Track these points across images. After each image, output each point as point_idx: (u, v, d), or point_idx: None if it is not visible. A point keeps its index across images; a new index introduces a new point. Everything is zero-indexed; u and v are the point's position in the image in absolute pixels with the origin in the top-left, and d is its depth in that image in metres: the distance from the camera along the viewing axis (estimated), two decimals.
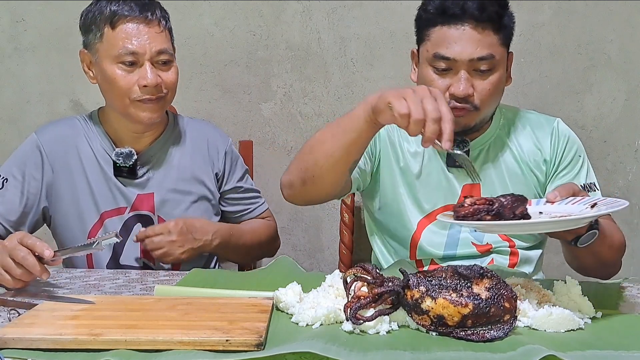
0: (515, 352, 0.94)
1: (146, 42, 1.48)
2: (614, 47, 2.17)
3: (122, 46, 1.48)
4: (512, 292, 1.04)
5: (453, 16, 1.40)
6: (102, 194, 1.59)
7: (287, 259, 1.49)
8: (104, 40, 1.50)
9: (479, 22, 1.39)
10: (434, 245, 1.54)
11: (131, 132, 1.59)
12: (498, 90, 1.45)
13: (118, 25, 1.48)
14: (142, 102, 1.50)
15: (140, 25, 1.49)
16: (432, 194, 1.54)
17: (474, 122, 1.46)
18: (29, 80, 2.25)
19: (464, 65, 1.40)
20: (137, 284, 1.38)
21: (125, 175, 1.59)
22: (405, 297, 1.04)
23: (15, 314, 1.08)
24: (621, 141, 2.23)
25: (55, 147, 1.59)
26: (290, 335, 1.01)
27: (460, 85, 1.40)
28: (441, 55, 1.41)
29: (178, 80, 1.57)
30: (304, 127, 2.25)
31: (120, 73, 1.49)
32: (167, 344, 0.95)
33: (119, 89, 1.50)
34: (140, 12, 1.49)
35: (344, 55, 2.21)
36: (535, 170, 1.55)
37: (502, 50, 1.43)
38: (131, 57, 1.48)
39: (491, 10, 1.39)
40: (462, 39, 1.39)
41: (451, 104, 1.41)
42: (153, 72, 1.49)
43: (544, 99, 2.20)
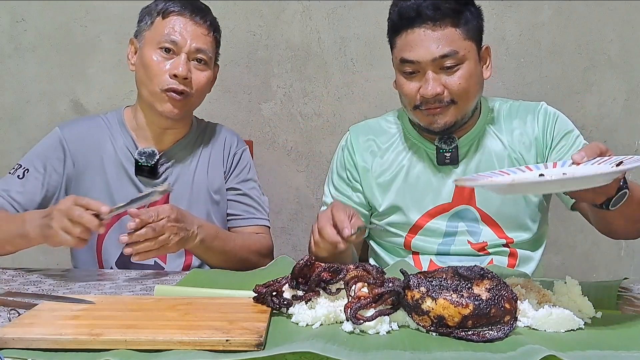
0: (515, 352, 0.94)
1: (188, 36, 1.55)
2: (614, 47, 2.17)
3: (166, 34, 1.54)
4: (513, 293, 1.04)
5: (410, 20, 1.44)
6: (121, 192, 1.60)
7: (287, 258, 1.49)
8: (153, 27, 1.57)
9: (436, 21, 1.42)
10: (429, 242, 1.55)
11: (155, 127, 1.62)
12: (472, 84, 1.46)
13: (169, 16, 1.56)
14: (166, 93, 1.54)
15: (188, 22, 1.56)
16: (423, 195, 1.55)
17: (454, 118, 1.47)
18: (29, 80, 2.25)
19: (429, 66, 1.43)
20: (137, 284, 1.38)
21: (146, 174, 1.61)
22: (405, 297, 1.04)
23: (15, 314, 1.08)
24: (621, 141, 2.23)
25: (78, 143, 1.62)
26: (290, 335, 1.01)
27: (427, 86, 1.43)
28: (405, 59, 1.45)
29: (208, 88, 1.62)
30: (304, 127, 2.25)
31: (156, 59, 1.54)
32: (167, 344, 0.95)
33: (151, 74, 1.54)
34: (192, 12, 1.57)
35: (344, 55, 2.21)
36: (525, 154, 1.54)
37: (468, 44, 1.45)
38: (170, 45, 1.54)
39: (446, 8, 1.42)
40: (423, 40, 1.43)
41: (424, 105, 1.46)
42: (186, 65, 1.54)
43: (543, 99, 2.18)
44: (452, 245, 1.55)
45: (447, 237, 1.55)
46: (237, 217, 1.71)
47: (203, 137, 1.71)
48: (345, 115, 2.23)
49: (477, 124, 1.56)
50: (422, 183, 1.56)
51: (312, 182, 2.28)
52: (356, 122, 2.20)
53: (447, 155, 1.53)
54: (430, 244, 1.56)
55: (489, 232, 1.54)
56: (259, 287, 1.12)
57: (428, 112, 1.47)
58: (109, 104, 2.17)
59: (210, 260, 1.56)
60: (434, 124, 1.48)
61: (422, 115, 1.49)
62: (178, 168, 1.65)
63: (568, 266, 2.26)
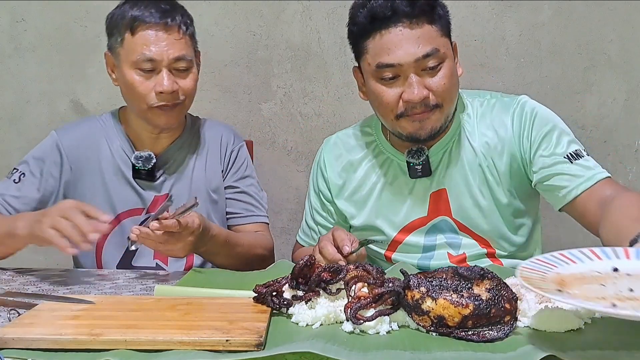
0: (515, 352, 0.94)
1: (164, 49, 1.49)
2: (614, 47, 2.17)
3: (140, 52, 1.49)
4: (513, 293, 1.04)
5: (385, 20, 1.33)
6: (119, 195, 1.60)
7: (287, 262, 1.49)
8: (124, 45, 1.51)
9: (412, 19, 1.32)
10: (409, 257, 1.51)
11: (150, 134, 1.61)
12: (453, 83, 1.38)
13: (137, 31, 1.49)
14: (159, 108, 1.52)
15: (159, 32, 1.49)
16: (398, 210, 1.50)
17: (440, 122, 1.40)
18: (29, 80, 2.25)
19: (411, 68, 1.33)
20: (137, 284, 1.38)
21: (143, 177, 1.60)
22: (405, 297, 1.04)
23: (15, 314, 1.08)
24: (621, 141, 2.23)
25: (75, 148, 1.61)
26: (290, 335, 1.01)
27: (413, 90, 1.34)
28: (385, 64, 1.34)
29: (196, 86, 1.59)
30: (304, 127, 2.25)
31: (138, 79, 1.51)
32: (167, 344, 0.95)
33: (136, 95, 1.52)
34: (160, 18, 1.49)
35: (344, 55, 2.21)
36: (497, 161, 1.45)
37: (445, 41, 1.37)
38: (149, 64, 1.50)
39: (421, 3, 1.33)
40: (402, 40, 1.32)
41: (409, 111, 1.37)
42: (170, 79, 1.50)
43: (544, 99, 2.18)
44: (432, 259, 1.49)
45: (427, 252, 1.50)
46: (237, 215, 1.70)
47: (199, 135, 1.69)
48: (345, 115, 2.23)
49: (450, 131, 1.47)
50: (397, 198, 1.49)
51: None
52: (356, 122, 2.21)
53: (419, 168, 1.45)
54: (410, 259, 1.50)
55: (469, 241, 1.48)
56: (259, 287, 1.12)
57: (414, 119, 1.37)
58: (109, 104, 2.17)
59: (216, 262, 1.56)
60: (420, 131, 1.39)
61: (407, 124, 1.39)
62: (175, 169, 1.64)
63: None
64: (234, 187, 1.71)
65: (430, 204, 1.48)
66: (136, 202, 1.61)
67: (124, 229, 1.60)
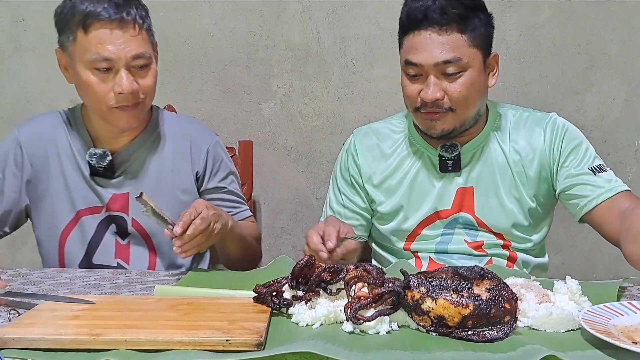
0: (515, 352, 0.94)
1: (121, 47, 1.41)
2: (614, 47, 2.17)
3: (96, 52, 1.40)
4: (513, 294, 1.04)
5: (417, 22, 1.42)
6: (79, 192, 1.56)
7: (287, 258, 1.49)
8: (77, 43, 1.43)
9: (442, 26, 1.40)
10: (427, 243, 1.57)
11: (109, 132, 1.55)
12: (473, 92, 1.44)
13: (91, 29, 1.40)
14: (119, 109, 1.46)
15: (114, 30, 1.40)
16: (424, 201, 1.55)
17: (452, 125, 1.47)
18: (29, 80, 2.25)
19: (431, 70, 1.42)
20: (137, 284, 1.38)
21: (101, 174, 1.55)
22: (405, 297, 1.04)
23: (15, 314, 1.08)
24: (621, 141, 2.23)
25: (35, 144, 1.57)
26: (290, 335, 1.01)
27: (428, 90, 1.43)
28: (410, 61, 1.44)
29: (156, 82, 1.51)
30: (304, 127, 2.25)
31: (95, 79, 1.43)
32: (167, 344, 0.95)
33: (94, 96, 1.45)
34: (115, 13, 1.40)
35: (344, 55, 2.21)
36: (527, 169, 1.53)
37: (473, 51, 1.43)
38: (105, 64, 1.41)
39: (454, 13, 1.40)
40: (427, 43, 1.41)
41: (423, 108, 1.45)
42: (129, 78, 1.43)
43: (544, 99, 2.20)
44: (450, 244, 1.55)
45: (445, 237, 1.56)
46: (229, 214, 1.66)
47: (163, 132, 1.61)
48: (345, 115, 2.23)
49: (483, 131, 1.55)
50: (425, 189, 1.55)
51: (312, 182, 2.28)
52: (356, 122, 2.22)
53: (450, 163, 1.52)
54: (429, 244, 1.56)
55: (486, 234, 1.55)
56: (259, 287, 1.12)
57: (427, 117, 1.46)
58: None
59: (232, 247, 1.53)
60: (431, 129, 1.48)
61: (421, 119, 1.48)
62: (137, 167, 1.58)
63: (568, 266, 2.26)
64: (220, 187, 1.65)
65: (456, 199, 1.54)
66: (95, 200, 1.56)
67: (83, 226, 1.56)
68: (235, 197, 1.67)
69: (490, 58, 1.50)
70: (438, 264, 1.54)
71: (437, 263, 1.54)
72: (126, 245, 1.58)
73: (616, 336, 0.97)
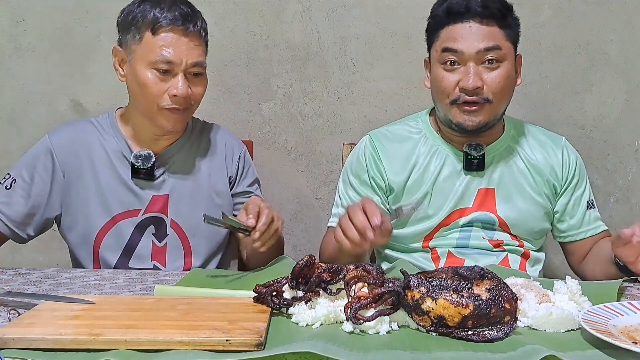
0: (515, 352, 0.94)
1: (183, 53, 1.49)
2: (614, 47, 2.17)
3: (160, 53, 1.48)
4: (513, 294, 1.04)
5: (459, 14, 1.48)
6: (115, 196, 1.59)
7: (287, 258, 1.49)
8: (143, 43, 1.50)
9: (483, 18, 1.47)
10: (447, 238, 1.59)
11: (151, 134, 1.59)
12: (508, 85, 1.50)
13: (159, 32, 1.49)
14: (170, 110, 1.52)
15: (181, 36, 1.49)
16: (446, 199, 1.58)
17: (488, 118, 1.50)
18: (29, 80, 2.25)
19: (472, 58, 1.47)
20: (137, 284, 1.38)
21: (142, 177, 1.59)
22: (405, 297, 1.04)
23: (15, 314, 1.08)
24: (621, 141, 2.23)
25: (67, 151, 1.59)
26: (290, 335, 1.01)
27: (469, 79, 1.46)
28: (449, 48, 1.48)
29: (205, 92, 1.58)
30: (304, 127, 2.25)
31: (153, 79, 1.50)
32: (167, 344, 0.95)
33: (149, 94, 1.51)
34: (183, 22, 1.49)
35: (344, 55, 2.21)
36: (542, 180, 1.60)
37: (509, 45, 1.50)
38: (166, 66, 1.49)
39: (494, 7, 1.48)
40: (469, 33, 1.47)
41: (462, 99, 1.48)
42: (185, 83, 1.50)
43: (544, 99, 2.20)
44: (470, 239, 1.58)
45: (464, 233, 1.58)
46: None
47: (200, 137, 1.69)
48: (345, 115, 2.23)
49: (504, 135, 1.61)
50: (447, 188, 1.58)
51: (312, 182, 2.28)
52: (356, 122, 2.22)
53: (475, 162, 1.56)
54: (449, 240, 1.58)
55: (502, 234, 1.58)
56: (259, 287, 1.12)
57: (463, 110, 1.50)
58: (108, 104, 2.17)
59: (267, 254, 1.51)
60: (468, 122, 1.50)
61: (458, 112, 1.51)
62: (176, 169, 1.63)
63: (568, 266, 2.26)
64: (248, 192, 1.71)
65: (477, 198, 1.57)
66: (132, 203, 1.59)
67: (120, 230, 1.59)
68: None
69: (517, 57, 1.56)
70: (457, 258, 1.56)
71: (457, 257, 1.56)
72: (162, 248, 1.61)
73: (616, 336, 0.97)
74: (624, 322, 1.05)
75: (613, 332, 0.99)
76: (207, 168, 1.66)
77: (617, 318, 1.06)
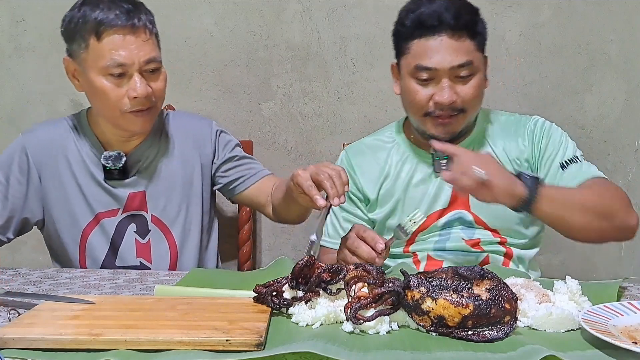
0: (515, 352, 0.94)
1: (134, 52, 1.44)
2: (614, 47, 2.17)
3: (110, 58, 1.43)
4: (513, 294, 1.04)
5: (431, 27, 1.44)
6: (95, 196, 1.58)
7: (287, 260, 1.49)
8: (90, 50, 1.45)
9: (455, 31, 1.44)
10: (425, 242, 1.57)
11: (119, 137, 1.57)
12: (480, 93, 1.51)
13: (104, 36, 1.43)
14: (133, 114, 1.48)
15: (127, 35, 1.43)
16: (420, 204, 1.56)
17: (460, 126, 1.51)
18: (29, 80, 2.25)
19: (446, 74, 1.45)
20: (137, 284, 1.38)
21: (116, 177, 1.57)
22: (405, 297, 1.04)
23: (15, 314, 1.08)
24: (621, 141, 2.23)
25: (42, 151, 1.57)
26: (290, 335, 1.01)
27: (444, 94, 1.45)
28: (423, 66, 1.46)
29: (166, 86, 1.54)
30: (304, 127, 2.25)
31: (109, 85, 1.45)
32: (167, 344, 0.95)
33: (108, 102, 1.47)
34: (126, 20, 1.43)
35: (344, 55, 2.21)
36: (516, 165, 1.56)
37: (479, 55, 1.49)
38: (119, 69, 1.44)
39: (466, 19, 1.45)
40: (441, 48, 1.44)
41: (436, 113, 1.48)
42: (142, 83, 1.46)
43: (544, 99, 2.20)
44: (447, 242, 1.57)
45: (442, 236, 1.57)
46: (244, 177, 1.68)
47: (169, 129, 1.65)
48: (345, 115, 2.23)
49: (473, 132, 1.59)
50: (420, 192, 1.58)
51: None
52: (356, 122, 2.22)
53: (443, 163, 1.53)
54: (427, 244, 1.57)
55: (482, 232, 1.56)
56: (259, 287, 1.12)
57: (437, 122, 1.49)
58: None
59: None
60: (442, 133, 1.50)
61: (432, 124, 1.50)
62: (148, 166, 1.61)
63: (568, 266, 2.26)
64: (231, 157, 1.68)
65: (452, 198, 1.56)
66: (110, 203, 1.58)
67: (104, 229, 1.58)
68: (250, 161, 1.71)
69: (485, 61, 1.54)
70: (436, 260, 1.55)
71: (436, 259, 1.56)
72: (146, 244, 1.61)
73: (616, 336, 0.97)
74: (624, 322, 1.05)
75: (613, 332, 0.99)
76: (180, 159, 1.64)
77: (617, 318, 1.06)
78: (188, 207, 1.64)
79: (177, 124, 1.67)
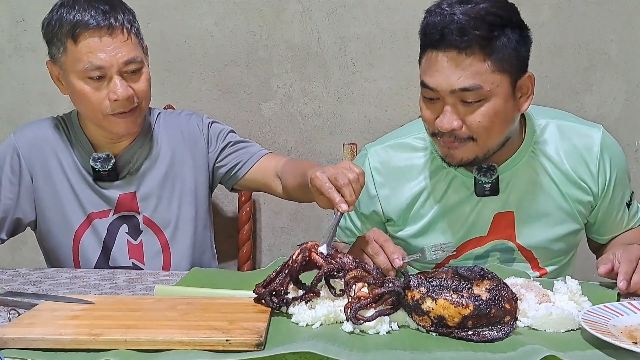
0: (515, 352, 0.94)
1: (112, 54, 1.41)
2: (614, 47, 2.17)
3: (87, 61, 1.41)
4: (513, 294, 1.04)
5: (434, 41, 1.25)
6: (86, 197, 1.57)
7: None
8: (68, 54, 1.43)
9: (461, 49, 1.22)
10: None
11: (107, 139, 1.56)
12: (497, 122, 1.27)
13: (80, 39, 1.40)
14: (116, 116, 1.46)
15: (104, 37, 1.40)
16: (457, 227, 1.42)
17: (473, 155, 1.31)
18: (29, 80, 2.25)
19: (448, 97, 1.25)
20: (137, 284, 1.38)
21: (106, 178, 1.56)
22: (405, 297, 1.04)
23: (15, 314, 1.08)
24: (621, 141, 2.20)
25: (34, 151, 1.56)
26: (290, 335, 1.01)
27: (443, 119, 1.26)
28: (425, 84, 1.28)
29: (150, 85, 1.51)
30: (304, 127, 2.25)
31: (89, 89, 1.44)
32: (167, 344, 0.95)
33: (90, 105, 1.45)
34: (103, 20, 1.40)
35: (344, 55, 2.21)
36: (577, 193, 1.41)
37: (497, 77, 1.24)
38: (98, 72, 1.42)
39: (475, 35, 1.21)
40: (443, 67, 1.24)
41: (441, 137, 1.31)
42: (123, 84, 1.43)
43: (544, 99, 2.20)
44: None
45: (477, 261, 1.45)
46: (243, 161, 1.66)
47: (158, 129, 1.63)
48: (345, 115, 2.23)
49: (521, 148, 1.39)
50: (457, 214, 1.41)
51: None
52: (356, 122, 2.22)
53: (487, 187, 1.37)
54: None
55: (522, 265, 1.44)
56: (259, 287, 1.12)
57: (443, 145, 1.32)
58: None
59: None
60: (449, 158, 1.33)
61: (439, 145, 1.34)
62: (138, 166, 1.59)
63: None
64: (227, 143, 1.66)
65: (493, 224, 1.40)
66: (101, 204, 1.57)
67: (96, 229, 1.58)
68: (246, 143, 1.69)
69: (522, 79, 1.31)
70: None
71: None
72: (139, 245, 1.60)
73: (616, 336, 0.97)
74: (624, 322, 1.05)
75: (613, 332, 0.99)
76: (171, 159, 1.62)
77: (617, 318, 1.06)
78: (180, 207, 1.62)
79: (167, 123, 1.65)
